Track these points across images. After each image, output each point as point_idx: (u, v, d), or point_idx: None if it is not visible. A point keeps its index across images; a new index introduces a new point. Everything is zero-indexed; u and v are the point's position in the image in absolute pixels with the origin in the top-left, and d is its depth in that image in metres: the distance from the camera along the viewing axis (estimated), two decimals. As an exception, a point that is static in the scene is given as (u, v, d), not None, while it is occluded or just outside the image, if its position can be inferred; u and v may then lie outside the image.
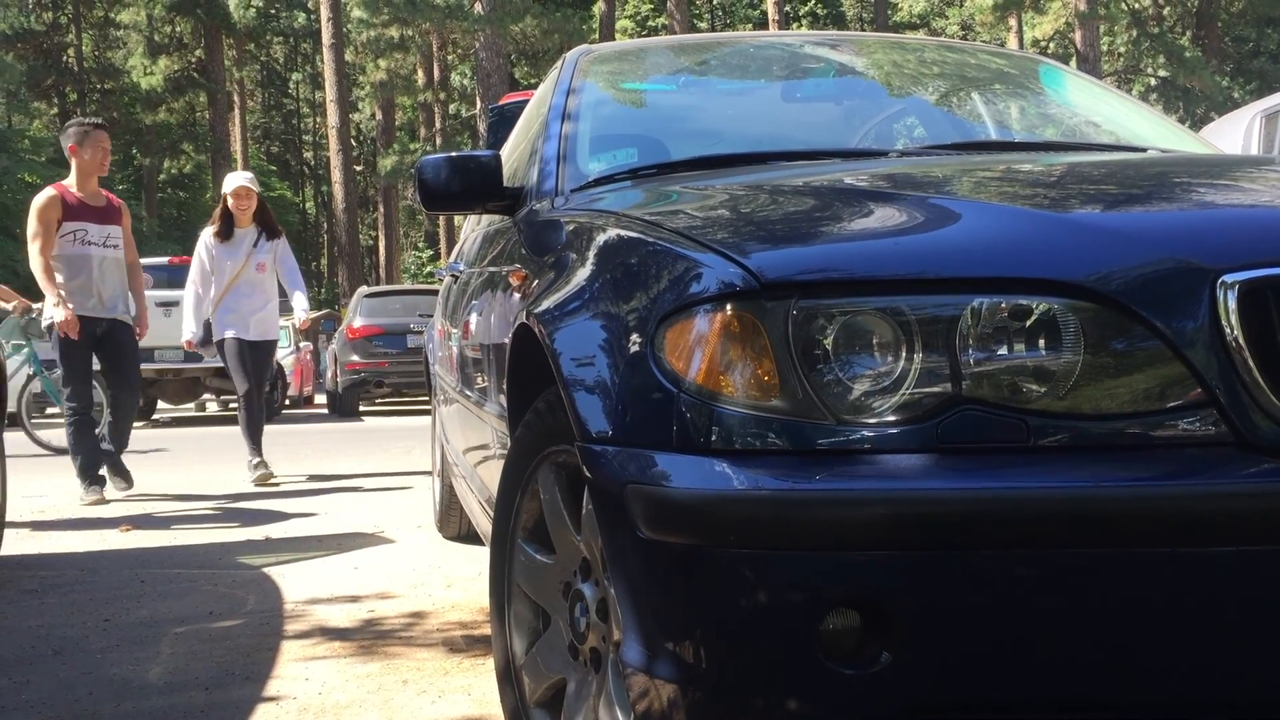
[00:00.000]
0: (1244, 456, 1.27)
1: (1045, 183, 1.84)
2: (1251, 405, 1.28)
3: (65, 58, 36.67)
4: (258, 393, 6.79)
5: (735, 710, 1.32)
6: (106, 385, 6.19)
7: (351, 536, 4.72)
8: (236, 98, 38.54)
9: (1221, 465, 1.26)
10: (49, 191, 5.84)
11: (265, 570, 4.02)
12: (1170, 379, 1.29)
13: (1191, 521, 1.23)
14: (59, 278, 5.76)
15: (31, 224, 5.73)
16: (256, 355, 6.74)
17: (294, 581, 3.81)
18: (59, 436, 6.98)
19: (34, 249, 5.71)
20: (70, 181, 5.90)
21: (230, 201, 6.74)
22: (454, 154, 2.55)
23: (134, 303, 6.11)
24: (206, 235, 6.77)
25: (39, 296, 5.91)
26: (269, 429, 6.55)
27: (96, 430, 6.06)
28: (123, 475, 6.24)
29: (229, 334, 6.64)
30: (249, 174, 6.95)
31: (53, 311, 5.71)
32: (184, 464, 7.91)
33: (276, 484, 6.60)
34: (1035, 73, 3.26)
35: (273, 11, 39.20)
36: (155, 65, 33.65)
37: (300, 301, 6.88)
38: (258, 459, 6.72)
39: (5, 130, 30.53)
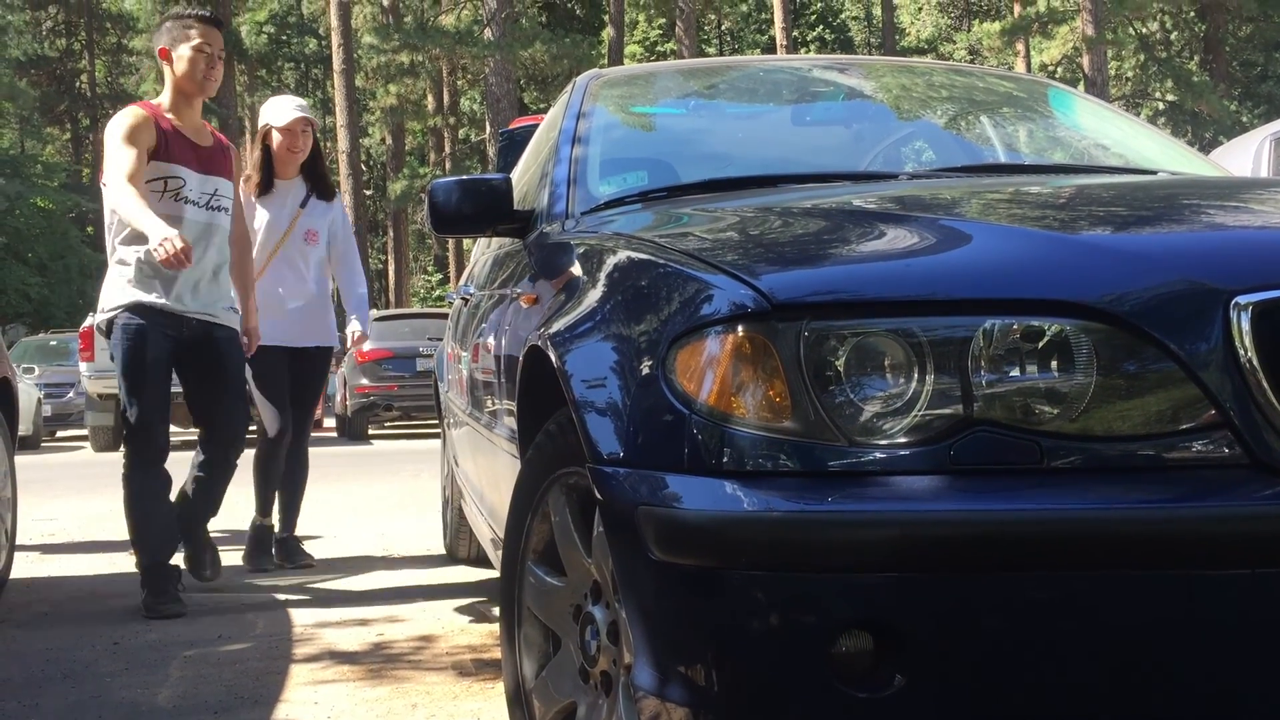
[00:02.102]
0: (1258, 478, 1.26)
1: (1056, 205, 1.85)
2: (1266, 426, 1.27)
3: (78, 84, 36.95)
4: (302, 431, 4.55)
5: (747, 733, 1.31)
6: (195, 425, 3.94)
7: (360, 560, 4.72)
8: (248, 123, 38.78)
9: (1236, 487, 1.26)
10: (135, 109, 3.73)
11: (274, 593, 4.02)
12: (1183, 400, 1.29)
13: (1206, 544, 1.22)
14: (127, 252, 3.67)
15: (112, 145, 3.61)
16: (304, 371, 4.50)
17: (302, 604, 3.80)
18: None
19: (117, 174, 3.53)
20: (161, 102, 3.79)
21: (276, 140, 4.38)
22: (465, 177, 2.55)
23: (238, 301, 4.05)
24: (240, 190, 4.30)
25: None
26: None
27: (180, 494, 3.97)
28: (203, 565, 4.05)
29: (262, 338, 4.27)
30: (303, 101, 4.51)
31: (137, 276, 3.64)
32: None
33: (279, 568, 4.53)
34: (1044, 96, 3.27)
35: (284, 38, 39.46)
36: (167, 91, 33.85)
37: (360, 310, 4.65)
38: (287, 533, 4.59)
39: (18, 156, 30.73)
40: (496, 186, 2.52)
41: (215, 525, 5.57)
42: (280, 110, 4.40)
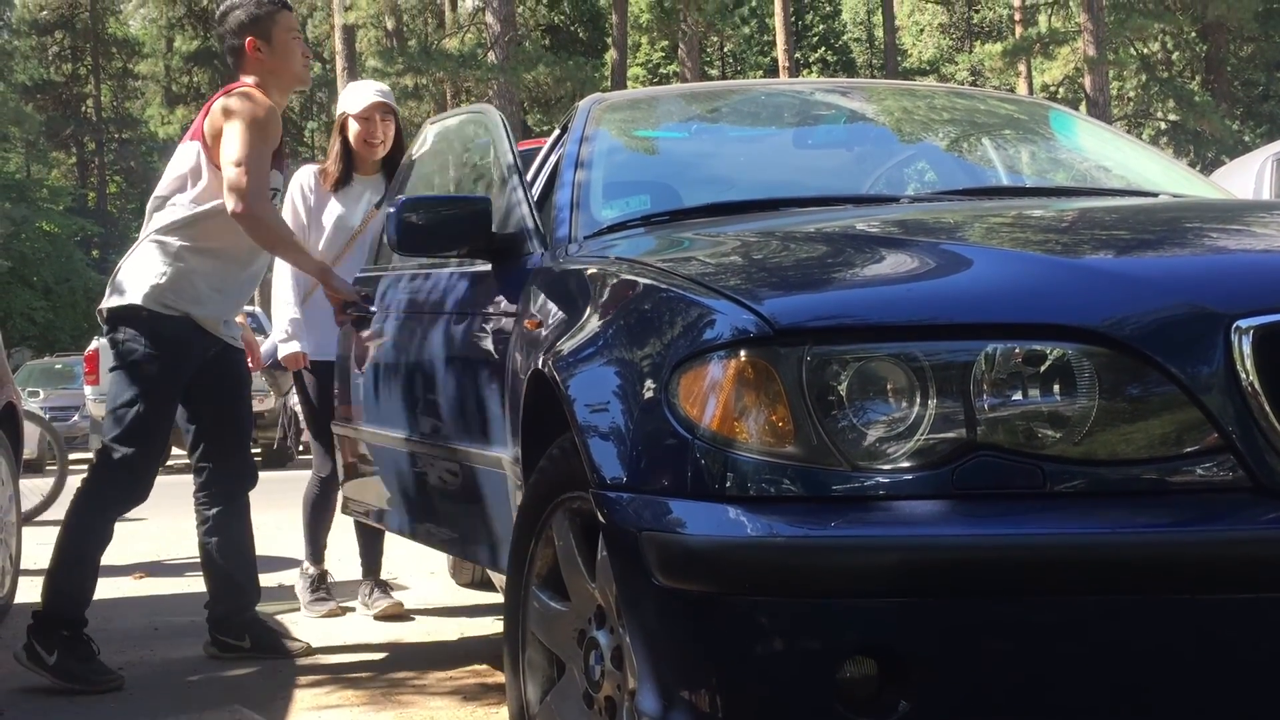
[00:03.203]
0: (1261, 501, 1.26)
1: (1057, 228, 1.85)
2: (1268, 449, 1.27)
3: (84, 108, 37.14)
4: None
5: (752, 759, 1.30)
6: (201, 460, 3.34)
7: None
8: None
9: (1239, 511, 1.26)
10: (262, 97, 3.13)
11: (279, 618, 4.01)
12: (1186, 424, 1.29)
13: (1209, 568, 1.22)
14: (198, 249, 3.13)
15: (247, 133, 3.03)
16: None
17: (307, 629, 3.79)
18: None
19: (249, 179, 3.00)
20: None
21: (354, 130, 3.76)
22: (443, 195, 2.50)
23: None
24: (305, 177, 3.80)
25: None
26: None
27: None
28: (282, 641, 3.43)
29: (321, 353, 3.68)
30: (384, 86, 3.93)
31: (191, 280, 3.12)
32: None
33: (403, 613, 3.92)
34: (1045, 118, 3.28)
35: (289, 62, 39.67)
36: (173, 115, 34.02)
37: None
38: (372, 583, 3.99)
39: (24, 180, 30.85)
40: (480, 207, 2.46)
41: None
42: (357, 96, 3.78)
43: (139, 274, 3.14)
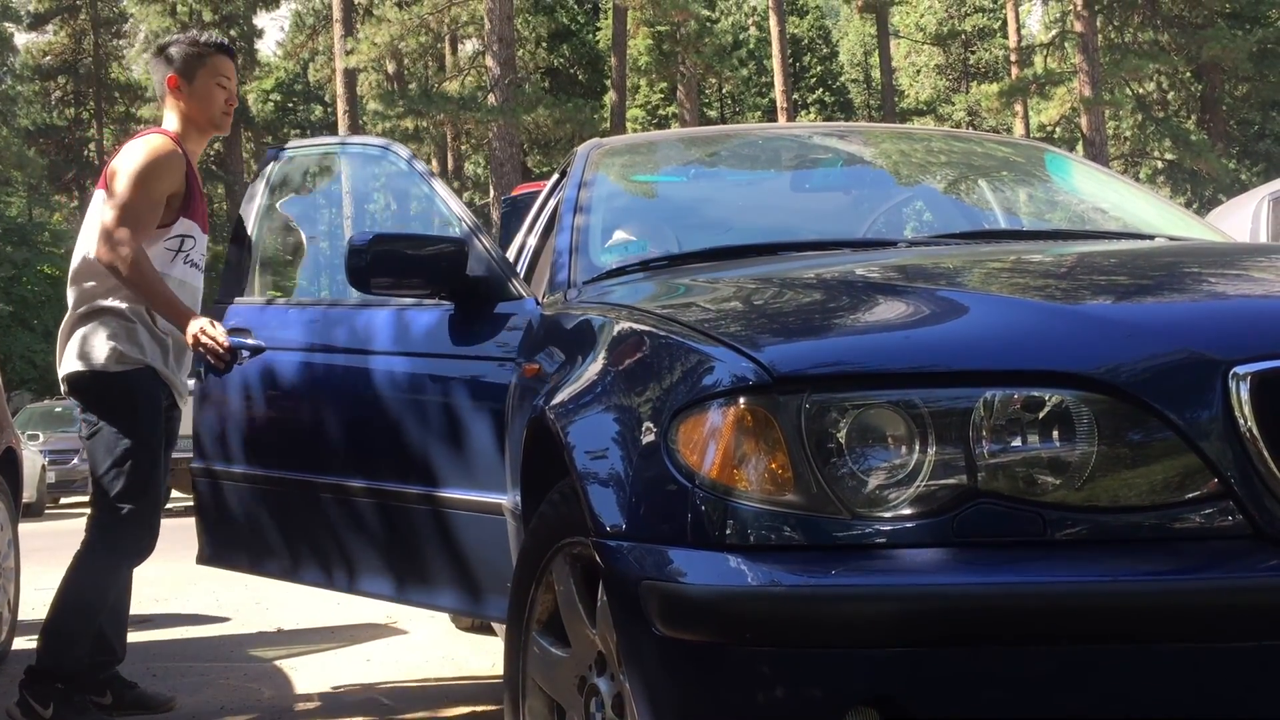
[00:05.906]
0: (1261, 549, 1.26)
1: (1055, 274, 1.86)
2: (1267, 495, 1.27)
3: (86, 152, 37.32)
4: None
5: (753, 811, 1.29)
6: None
7: (363, 627, 4.68)
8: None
9: (1240, 558, 1.25)
10: (167, 140, 3.13)
11: (277, 663, 3.99)
12: (1185, 470, 1.29)
13: (1211, 616, 1.22)
14: (124, 309, 3.05)
15: (129, 180, 3.01)
16: None
17: (306, 674, 3.77)
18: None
19: (123, 225, 2.96)
20: (174, 132, 3.21)
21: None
22: (421, 234, 2.51)
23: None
24: None
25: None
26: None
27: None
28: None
29: None
30: None
31: (145, 333, 3.06)
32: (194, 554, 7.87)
33: None
34: (1041, 160, 3.30)
35: (290, 105, 39.95)
36: (174, 158, 34.19)
37: None
38: None
39: (26, 224, 30.95)
40: (456, 248, 2.45)
41: (220, 592, 5.53)
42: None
43: (90, 338, 3.05)
